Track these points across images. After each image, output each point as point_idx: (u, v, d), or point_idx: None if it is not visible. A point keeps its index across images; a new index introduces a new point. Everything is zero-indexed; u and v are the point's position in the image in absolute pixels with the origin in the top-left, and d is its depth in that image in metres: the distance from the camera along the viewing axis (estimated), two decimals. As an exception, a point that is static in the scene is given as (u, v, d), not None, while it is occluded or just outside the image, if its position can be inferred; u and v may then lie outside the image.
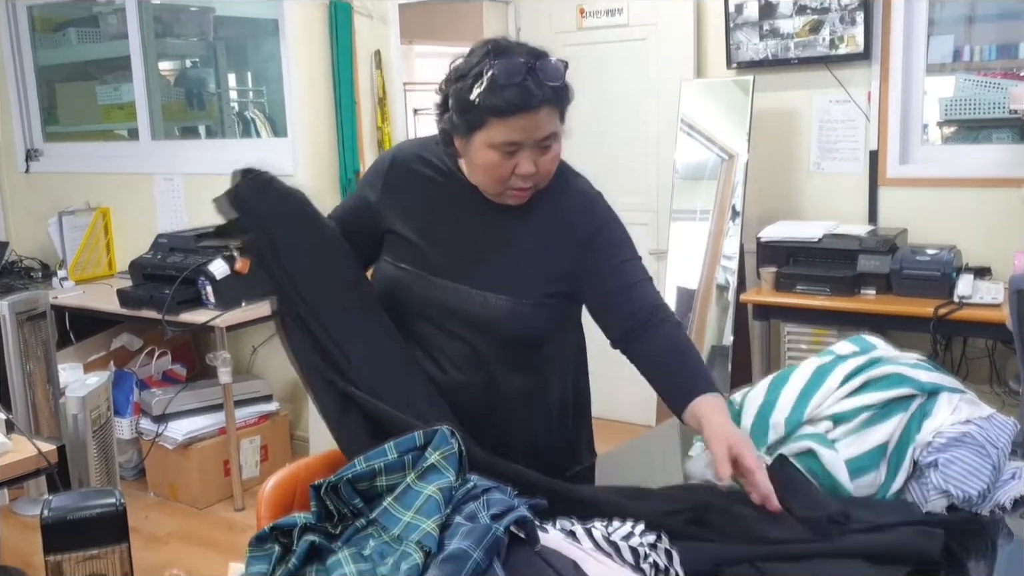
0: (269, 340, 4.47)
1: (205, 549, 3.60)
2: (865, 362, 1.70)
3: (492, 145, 1.61)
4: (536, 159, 1.63)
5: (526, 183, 1.66)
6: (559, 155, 1.69)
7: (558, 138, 1.66)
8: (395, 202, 1.78)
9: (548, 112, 1.61)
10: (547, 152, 1.65)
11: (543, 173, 1.67)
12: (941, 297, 3.18)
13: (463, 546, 1.12)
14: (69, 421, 2.50)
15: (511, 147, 1.61)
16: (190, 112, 5.25)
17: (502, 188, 1.68)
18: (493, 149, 1.62)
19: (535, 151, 1.63)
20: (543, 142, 1.63)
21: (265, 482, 1.74)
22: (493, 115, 1.58)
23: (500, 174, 1.65)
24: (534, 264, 1.73)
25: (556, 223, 1.74)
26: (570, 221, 1.74)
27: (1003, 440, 1.62)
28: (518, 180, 1.65)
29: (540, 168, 1.65)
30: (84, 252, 4.90)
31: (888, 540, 1.43)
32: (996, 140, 3.62)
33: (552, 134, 1.63)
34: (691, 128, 3.97)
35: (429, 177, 1.77)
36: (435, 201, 1.77)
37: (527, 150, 1.62)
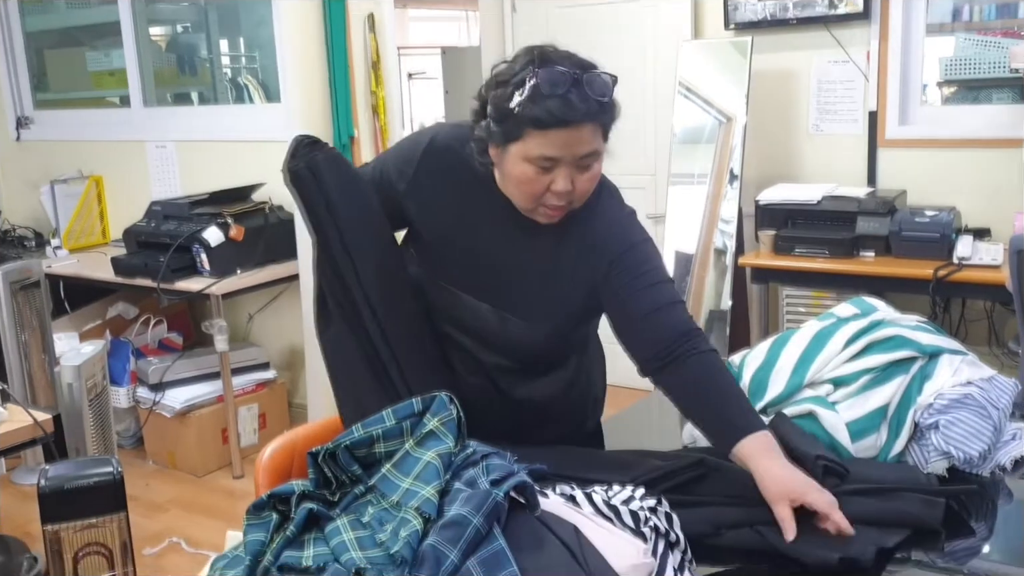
0: (265, 308, 4.46)
1: (205, 517, 3.60)
2: (867, 325, 1.69)
3: (528, 159, 1.50)
4: (574, 177, 1.52)
5: (560, 201, 1.55)
6: (599, 176, 1.58)
7: (599, 157, 1.55)
8: (423, 197, 1.67)
9: (591, 129, 1.50)
10: (586, 171, 1.54)
11: (580, 193, 1.56)
12: (940, 259, 3.17)
13: (463, 512, 1.11)
14: (64, 390, 2.48)
15: (548, 162, 1.50)
16: (182, 78, 5.20)
17: (535, 204, 1.57)
18: (529, 163, 1.51)
19: (573, 168, 1.52)
20: (583, 160, 1.51)
21: (262, 450, 1.73)
22: (532, 126, 1.47)
23: (534, 190, 1.54)
24: (559, 288, 1.65)
25: (585, 246, 1.64)
26: (600, 245, 1.63)
27: (1004, 401, 1.62)
28: (552, 198, 1.54)
29: (577, 187, 1.54)
30: (77, 220, 4.87)
31: (891, 508, 1.42)
32: (996, 100, 3.59)
33: (593, 152, 1.52)
34: (689, 91, 3.93)
35: (461, 179, 1.65)
36: (464, 206, 1.66)
37: (565, 167, 1.51)
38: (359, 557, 1.10)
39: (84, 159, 5.03)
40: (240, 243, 3.91)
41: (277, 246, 4.01)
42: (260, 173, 4.26)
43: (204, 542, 3.33)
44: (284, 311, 4.39)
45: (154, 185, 4.78)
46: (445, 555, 1.08)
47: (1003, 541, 1.47)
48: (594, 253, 1.63)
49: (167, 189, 4.71)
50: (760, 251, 3.56)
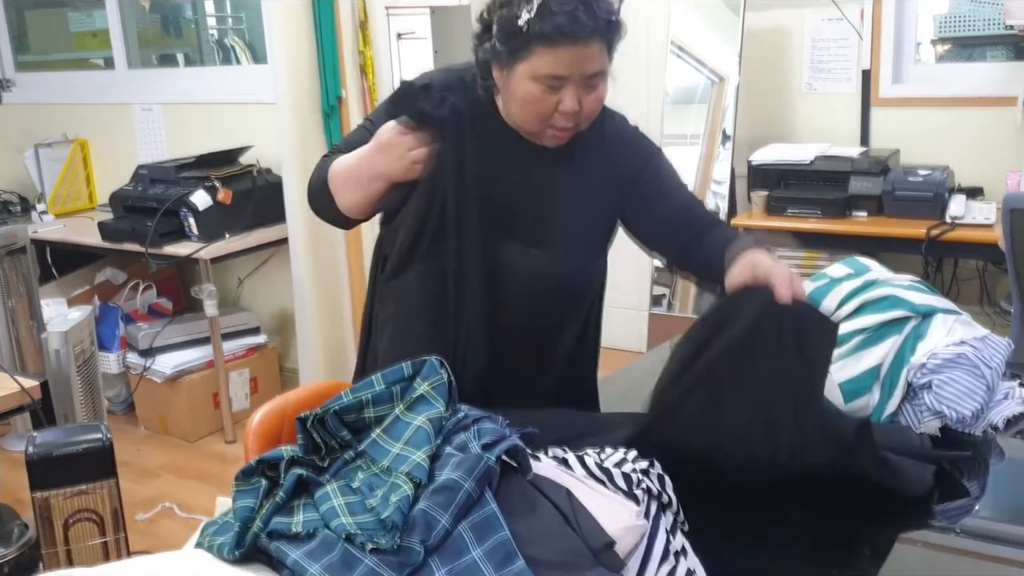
0: (255, 272, 4.43)
1: (197, 482, 3.60)
2: (860, 285, 1.68)
3: (536, 77, 1.50)
4: (581, 97, 1.52)
5: (568, 122, 1.55)
6: (604, 97, 1.58)
7: (605, 78, 1.55)
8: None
9: (599, 47, 1.50)
10: (593, 91, 1.54)
11: (587, 113, 1.56)
12: (933, 218, 3.15)
13: (454, 476, 1.10)
14: (52, 357, 2.46)
15: (556, 81, 1.50)
16: (167, 39, 5.12)
17: (542, 126, 1.56)
18: (536, 82, 1.50)
19: (581, 88, 1.52)
20: (590, 80, 1.52)
21: (252, 415, 1.71)
22: (540, 43, 1.47)
23: (542, 110, 1.53)
24: (580, 212, 1.65)
25: (603, 169, 1.66)
26: (618, 163, 1.67)
27: (997, 360, 1.61)
28: (560, 119, 1.54)
29: (584, 107, 1.54)
30: (63, 185, 4.82)
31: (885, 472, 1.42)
32: (990, 58, 3.56)
33: (600, 72, 1.53)
34: (681, 50, 3.89)
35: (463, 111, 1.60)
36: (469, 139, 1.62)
37: (572, 86, 1.51)
38: (349, 523, 1.08)
39: (68, 122, 4.97)
40: (228, 207, 3.87)
41: (265, 209, 3.97)
42: (247, 135, 4.21)
43: (197, 507, 3.33)
44: (274, 275, 4.36)
45: (140, 148, 4.73)
46: (436, 520, 1.07)
47: (995, 499, 1.47)
48: (616, 172, 1.67)
49: (153, 152, 4.66)
50: (753, 212, 3.54)
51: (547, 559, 1.05)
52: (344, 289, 3.94)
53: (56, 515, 2.05)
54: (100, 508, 2.09)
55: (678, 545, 1.16)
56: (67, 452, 2.03)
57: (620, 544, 1.08)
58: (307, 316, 3.84)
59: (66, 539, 2.08)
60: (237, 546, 1.11)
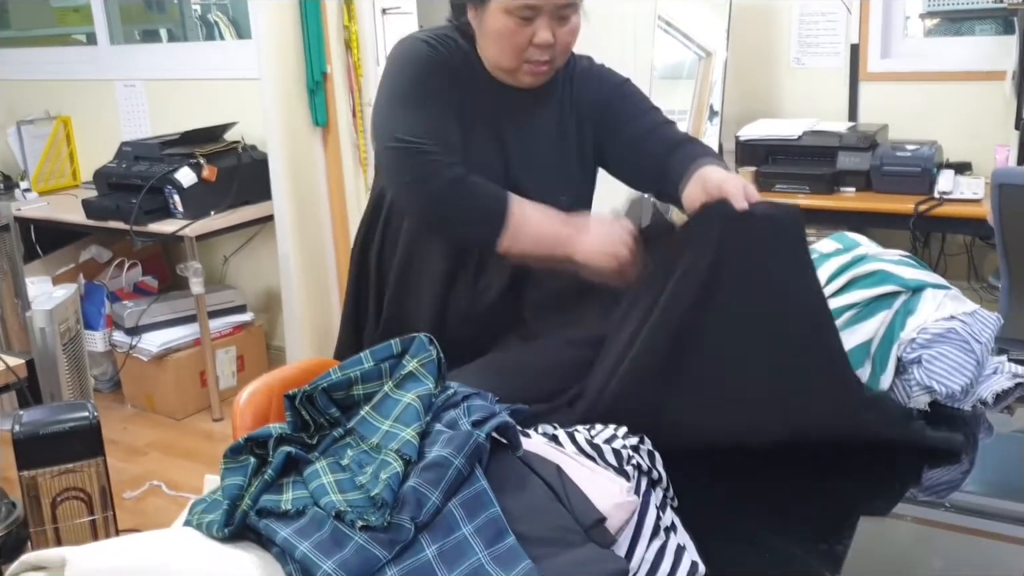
0: (240, 250, 4.41)
1: (184, 459, 3.60)
2: (849, 260, 1.68)
3: (508, 10, 1.54)
4: (554, 29, 1.56)
5: (543, 55, 1.58)
6: (578, 29, 1.62)
7: (576, 9, 1.59)
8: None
9: None
10: (566, 23, 1.58)
11: (561, 47, 1.60)
12: (921, 193, 3.15)
13: (444, 453, 1.09)
14: (37, 335, 2.44)
15: (528, 11, 1.54)
16: (150, 15, 5.07)
17: (518, 62, 1.60)
18: (509, 15, 1.54)
19: (553, 20, 1.56)
20: (562, 10, 1.56)
21: (240, 393, 1.70)
22: None
23: (516, 43, 1.57)
24: (563, 153, 1.70)
25: (576, 106, 1.71)
26: (588, 99, 1.72)
27: (986, 335, 1.61)
28: (535, 52, 1.58)
29: (559, 40, 1.58)
30: (46, 162, 4.77)
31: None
32: (979, 32, 3.55)
33: (571, 3, 1.57)
34: (669, 25, 3.86)
35: (468, 68, 1.66)
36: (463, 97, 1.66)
37: (545, 17, 1.55)
38: (339, 500, 1.08)
39: (51, 99, 4.92)
40: (213, 184, 3.84)
41: (251, 187, 3.95)
42: (232, 112, 4.18)
43: (184, 485, 3.33)
44: (260, 253, 4.34)
45: (124, 125, 4.68)
46: (427, 497, 1.06)
47: (983, 473, 1.47)
48: (587, 106, 1.72)
49: (137, 129, 4.61)
50: (740, 187, 3.53)
51: (537, 535, 1.04)
52: (330, 266, 3.92)
53: (44, 494, 2.03)
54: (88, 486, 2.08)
55: (668, 521, 1.16)
56: (54, 430, 2.02)
57: (610, 520, 1.07)
58: (293, 293, 3.83)
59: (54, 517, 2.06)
60: (226, 524, 1.10)
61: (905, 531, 1.32)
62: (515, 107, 1.69)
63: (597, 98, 1.76)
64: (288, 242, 3.79)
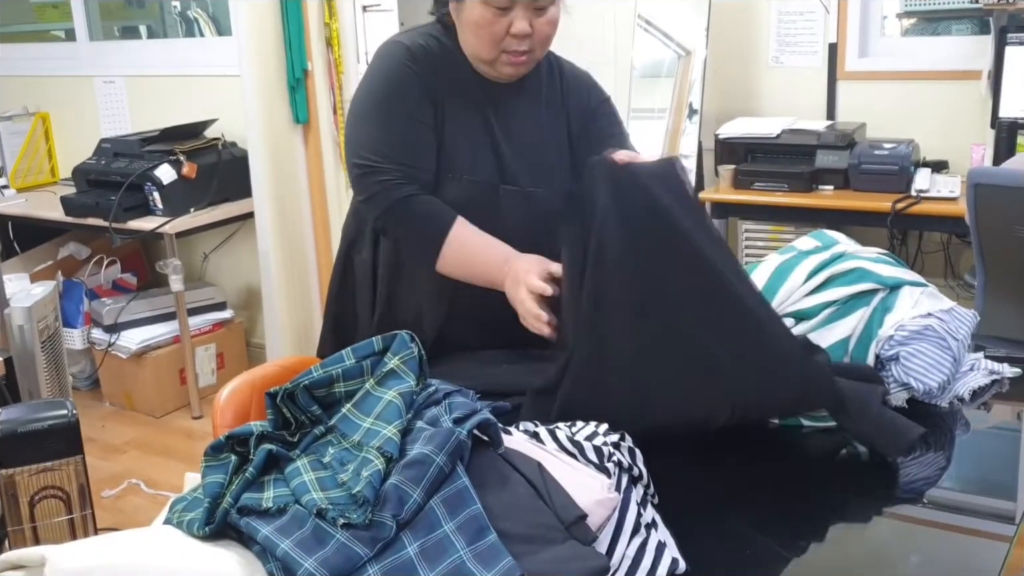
0: (220, 247, 4.39)
1: (163, 457, 3.58)
2: (828, 258, 1.69)
3: (485, 0, 1.56)
4: (532, 20, 1.58)
5: (521, 45, 1.60)
6: (556, 21, 1.64)
7: (555, 2, 1.61)
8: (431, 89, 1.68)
9: None
10: (543, 14, 1.60)
11: (539, 38, 1.61)
12: (899, 192, 3.18)
13: (425, 451, 1.10)
14: (15, 332, 2.42)
15: (505, 1, 1.56)
16: (129, 11, 5.04)
17: (496, 52, 1.61)
18: (486, 5, 1.56)
19: (530, 11, 1.58)
20: (538, 1, 1.58)
21: (220, 390, 1.70)
22: None
23: (494, 32, 1.59)
24: (551, 141, 1.74)
25: (563, 102, 1.76)
26: (576, 99, 1.77)
27: (963, 332, 1.63)
28: (513, 42, 1.59)
29: (536, 31, 1.60)
30: (24, 159, 4.73)
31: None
32: (956, 32, 3.58)
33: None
34: (649, 24, 3.88)
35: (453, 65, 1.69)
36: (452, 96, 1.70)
37: (521, 8, 1.57)
38: (320, 498, 1.08)
39: (29, 95, 4.88)
40: (193, 181, 3.83)
41: (231, 184, 3.93)
42: (212, 109, 4.16)
43: (163, 483, 3.31)
44: (240, 250, 4.32)
45: (103, 122, 4.65)
46: (408, 494, 1.06)
47: (960, 470, 1.48)
48: (575, 106, 1.78)
49: (116, 126, 4.58)
50: (720, 186, 3.55)
51: (519, 533, 1.05)
52: (311, 264, 3.91)
53: (22, 492, 2.01)
54: (67, 485, 2.06)
55: (648, 518, 1.16)
56: (32, 429, 2.00)
57: (592, 517, 1.08)
58: (274, 291, 3.82)
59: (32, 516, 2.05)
60: (207, 522, 1.10)
61: (883, 527, 1.33)
62: (501, 99, 1.72)
63: (586, 105, 1.80)
64: (268, 239, 3.78)
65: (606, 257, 1.38)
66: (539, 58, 1.67)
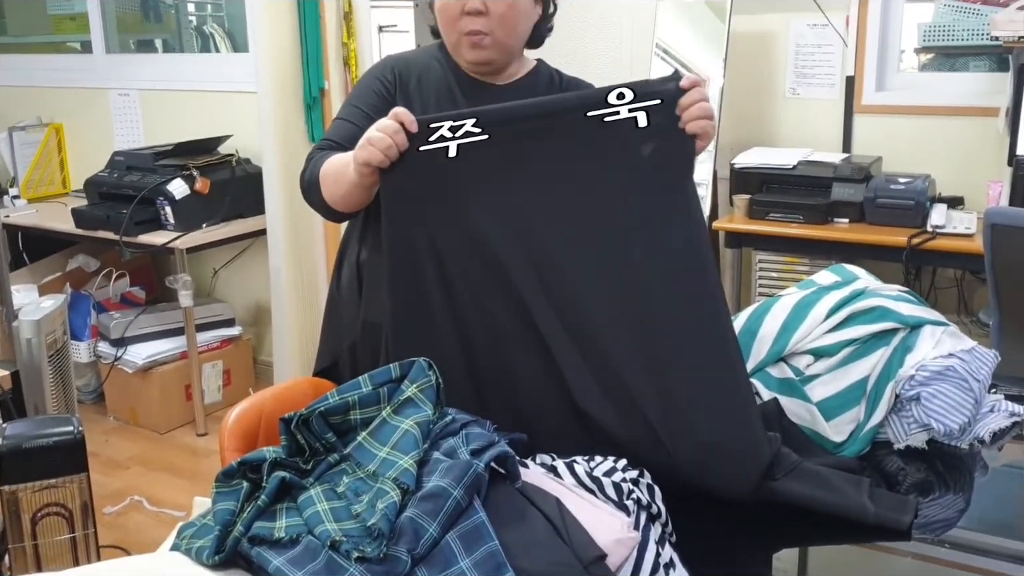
0: (231, 263, 4.38)
1: (167, 474, 3.55)
2: (848, 295, 1.67)
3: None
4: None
5: (475, 24, 1.65)
6: (517, 4, 1.67)
7: None
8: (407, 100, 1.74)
9: None
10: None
11: (497, 17, 1.65)
12: (914, 226, 3.16)
13: (443, 484, 1.07)
14: (23, 346, 2.40)
15: None
16: (146, 25, 5.05)
17: (457, 34, 1.67)
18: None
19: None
20: None
21: (228, 413, 1.68)
22: None
23: (450, 14, 1.65)
24: None
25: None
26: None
27: (984, 373, 1.60)
28: (468, 21, 1.64)
29: (492, 10, 1.64)
30: (36, 169, 4.74)
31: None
32: (973, 68, 3.57)
33: None
34: (666, 52, 3.87)
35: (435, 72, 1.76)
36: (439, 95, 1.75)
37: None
38: (334, 529, 1.06)
39: (43, 106, 4.89)
40: (206, 196, 3.82)
41: (244, 200, 3.92)
42: (227, 125, 4.16)
43: (166, 501, 3.28)
44: (250, 266, 4.31)
45: (117, 134, 4.66)
46: (424, 528, 1.04)
47: (979, 511, 1.47)
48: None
49: (130, 139, 4.59)
50: (734, 215, 3.53)
51: (537, 571, 1.02)
52: (322, 282, 3.90)
53: (24, 509, 1.99)
54: (69, 502, 2.04)
55: (667, 557, 1.14)
56: (37, 445, 1.98)
57: (611, 556, 1.06)
58: (283, 309, 3.80)
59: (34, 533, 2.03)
60: (217, 551, 1.08)
61: (904, 568, 1.31)
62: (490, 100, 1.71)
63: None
64: (280, 257, 3.76)
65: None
66: (502, 41, 1.69)
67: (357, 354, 1.76)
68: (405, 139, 1.41)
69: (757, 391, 1.62)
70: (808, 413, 1.57)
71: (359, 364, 1.72)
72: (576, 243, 1.38)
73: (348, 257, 1.85)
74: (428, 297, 1.40)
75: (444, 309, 1.40)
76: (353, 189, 1.55)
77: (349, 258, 1.84)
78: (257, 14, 3.61)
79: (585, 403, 1.31)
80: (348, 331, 1.81)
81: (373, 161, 1.42)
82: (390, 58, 1.82)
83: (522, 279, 1.37)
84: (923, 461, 1.53)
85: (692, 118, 1.42)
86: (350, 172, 1.50)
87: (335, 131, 1.75)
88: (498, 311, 1.38)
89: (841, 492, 1.32)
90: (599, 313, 1.35)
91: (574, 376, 1.33)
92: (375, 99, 1.74)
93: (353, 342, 1.77)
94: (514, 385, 1.37)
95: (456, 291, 1.39)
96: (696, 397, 1.31)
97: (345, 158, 1.56)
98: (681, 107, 1.42)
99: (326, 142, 1.74)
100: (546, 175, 1.42)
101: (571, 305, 1.36)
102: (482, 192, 1.42)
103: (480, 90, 1.76)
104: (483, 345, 1.38)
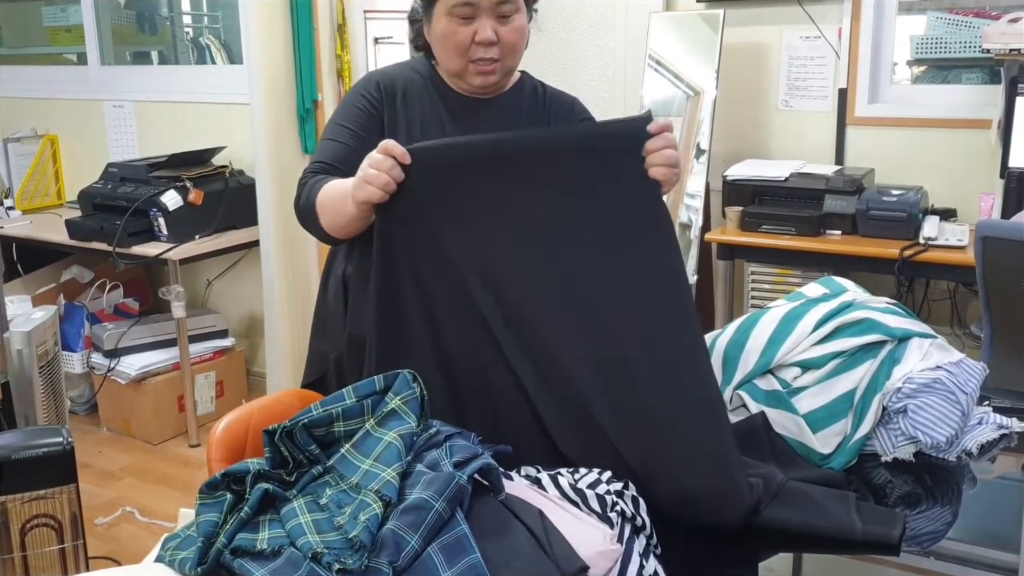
0: (224, 274, 4.38)
1: (159, 485, 3.54)
2: (836, 307, 1.67)
3: (449, 12, 1.62)
4: (496, 28, 1.63)
5: (487, 52, 1.65)
6: (523, 29, 1.68)
7: (520, 10, 1.66)
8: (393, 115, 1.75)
9: None
10: (508, 22, 1.64)
11: (506, 45, 1.65)
12: (906, 238, 3.16)
13: (425, 496, 1.07)
14: (14, 357, 2.40)
15: (467, 10, 1.62)
16: (141, 36, 5.06)
17: (464, 61, 1.67)
18: (450, 17, 1.63)
19: (493, 19, 1.63)
20: (500, 7, 1.63)
21: (216, 424, 1.67)
22: None
23: (459, 41, 1.64)
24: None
25: (551, 118, 1.79)
26: (564, 116, 1.80)
27: (972, 385, 1.61)
28: (479, 49, 1.64)
29: (502, 38, 1.64)
30: (31, 181, 4.74)
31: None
32: (966, 80, 3.59)
33: (508, 0, 1.63)
34: (659, 64, 3.89)
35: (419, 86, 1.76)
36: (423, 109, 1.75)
37: (485, 16, 1.62)
38: (316, 541, 1.06)
39: (38, 117, 4.89)
40: (199, 208, 3.82)
41: (237, 211, 3.92)
42: (221, 136, 4.16)
43: (158, 512, 3.28)
44: (243, 278, 4.31)
45: (111, 146, 4.66)
46: (406, 540, 1.04)
47: (967, 523, 1.47)
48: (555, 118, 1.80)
49: (124, 150, 4.59)
50: (726, 227, 3.54)
51: (518, 583, 1.02)
52: (315, 294, 3.89)
53: (13, 520, 1.99)
54: (59, 513, 2.04)
55: (651, 569, 1.14)
56: (26, 456, 1.98)
57: (593, 569, 1.06)
58: (276, 320, 3.80)
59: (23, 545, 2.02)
60: (199, 562, 1.08)
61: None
62: (475, 113, 1.76)
63: (567, 119, 1.84)
64: (273, 268, 3.76)
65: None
66: (510, 67, 1.71)
67: (343, 367, 1.76)
68: (401, 172, 1.41)
69: (744, 403, 1.63)
70: (795, 425, 1.57)
71: (345, 377, 1.72)
72: (542, 284, 1.39)
73: (334, 270, 1.85)
74: (409, 321, 1.41)
75: (423, 332, 1.40)
76: (353, 221, 1.55)
77: (335, 271, 1.85)
78: (251, 26, 3.62)
79: (562, 446, 1.34)
80: (334, 344, 1.81)
81: (373, 199, 1.42)
82: (373, 74, 1.82)
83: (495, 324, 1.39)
84: (910, 474, 1.53)
85: (655, 164, 1.41)
86: (349, 207, 1.50)
87: (325, 152, 1.74)
88: (477, 343, 1.39)
89: (828, 513, 1.32)
90: (568, 356, 1.37)
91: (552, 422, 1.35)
92: (362, 116, 1.74)
93: (339, 355, 1.77)
94: (495, 411, 1.38)
95: (436, 315, 1.41)
96: (674, 442, 1.32)
97: (342, 188, 1.55)
98: (647, 151, 1.41)
99: (317, 165, 1.73)
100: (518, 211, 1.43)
101: (542, 350, 1.37)
102: (452, 221, 1.42)
103: (465, 104, 1.76)
104: (464, 368, 1.40)
